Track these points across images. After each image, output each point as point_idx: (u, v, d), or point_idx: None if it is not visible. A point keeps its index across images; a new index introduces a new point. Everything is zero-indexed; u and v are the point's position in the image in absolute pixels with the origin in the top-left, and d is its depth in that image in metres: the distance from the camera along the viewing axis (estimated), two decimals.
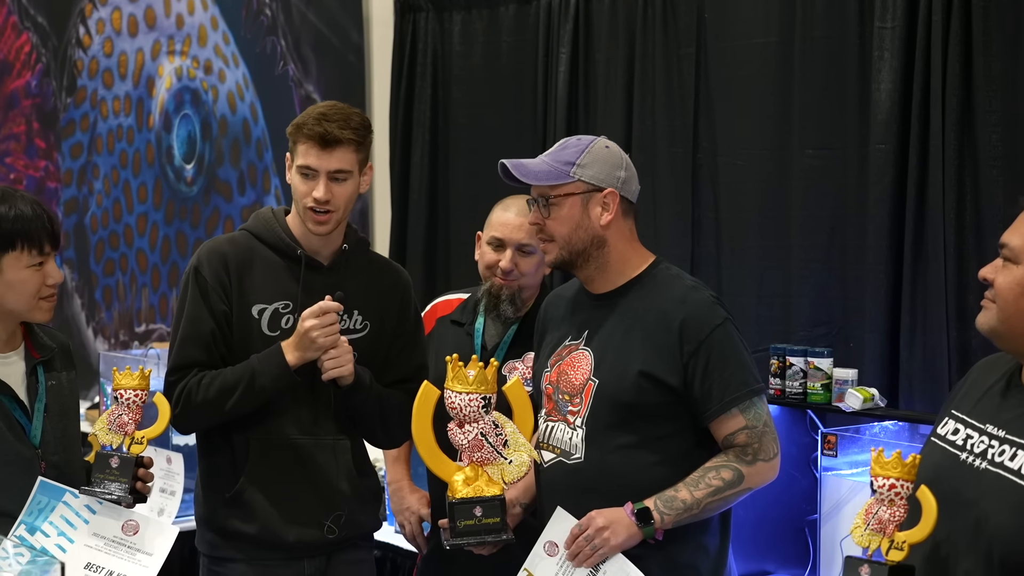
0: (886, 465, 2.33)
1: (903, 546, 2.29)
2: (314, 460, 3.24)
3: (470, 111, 5.32)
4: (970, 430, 2.38)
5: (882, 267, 4.01)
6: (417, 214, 5.40)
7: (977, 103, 3.79)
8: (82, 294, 7.13)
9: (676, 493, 2.87)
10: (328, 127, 3.11)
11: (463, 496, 2.91)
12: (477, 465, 2.93)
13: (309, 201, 3.14)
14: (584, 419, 2.96)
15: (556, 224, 2.98)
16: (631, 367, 2.91)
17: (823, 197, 4.18)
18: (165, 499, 3.86)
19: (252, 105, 6.20)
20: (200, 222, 6.49)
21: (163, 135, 6.68)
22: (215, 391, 3.14)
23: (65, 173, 7.29)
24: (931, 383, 3.87)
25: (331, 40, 5.84)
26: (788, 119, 4.26)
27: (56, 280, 2.96)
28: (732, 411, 2.89)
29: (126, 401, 2.95)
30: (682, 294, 2.96)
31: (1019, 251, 2.33)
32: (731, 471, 2.87)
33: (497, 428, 2.91)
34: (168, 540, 2.93)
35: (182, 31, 6.53)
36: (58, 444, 2.99)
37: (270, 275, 3.22)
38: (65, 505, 2.89)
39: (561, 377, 3.03)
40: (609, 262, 3.01)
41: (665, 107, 4.59)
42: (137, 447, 2.95)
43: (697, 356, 2.89)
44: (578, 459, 2.96)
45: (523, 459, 2.92)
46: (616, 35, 4.75)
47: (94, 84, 7.07)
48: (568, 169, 2.97)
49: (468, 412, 2.90)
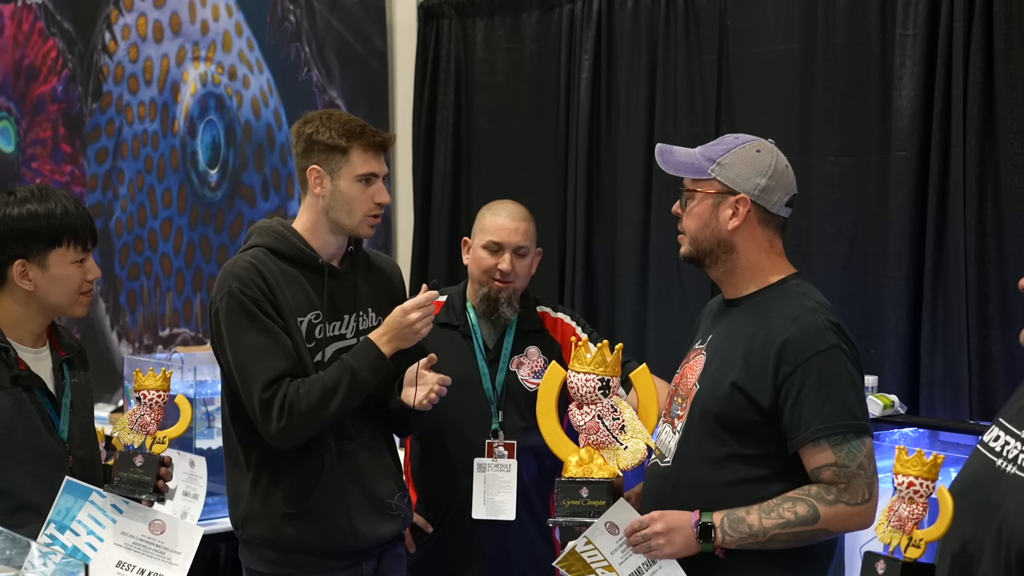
0: (907, 463, 2.35)
1: (920, 544, 2.31)
2: (363, 463, 3.30)
3: (493, 117, 5.33)
4: (1009, 436, 2.38)
5: (903, 274, 4.01)
6: (439, 220, 5.42)
7: (998, 110, 3.79)
8: (107, 298, 7.18)
9: (746, 516, 2.75)
10: (383, 135, 3.27)
11: (571, 476, 2.88)
12: (593, 448, 2.90)
13: (373, 207, 3.24)
14: (683, 424, 2.89)
15: (688, 218, 2.91)
16: (727, 378, 2.81)
17: (844, 204, 4.18)
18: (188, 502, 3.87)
19: (276, 111, 6.23)
20: (224, 227, 6.53)
21: (188, 140, 6.72)
22: (317, 395, 3.13)
23: (91, 178, 7.33)
24: (951, 390, 3.87)
25: (355, 46, 5.86)
26: (809, 126, 4.27)
27: (95, 276, 3.07)
28: (821, 443, 2.73)
29: (148, 402, 3.01)
30: (796, 313, 2.81)
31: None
32: (807, 507, 2.72)
33: (615, 412, 2.88)
34: (195, 539, 2.97)
35: (207, 37, 6.57)
36: (83, 439, 3.05)
37: (297, 288, 3.25)
38: (92, 504, 2.93)
39: (681, 380, 2.98)
40: (737, 268, 2.91)
41: (687, 114, 4.60)
42: (159, 447, 3.00)
43: (792, 379, 2.74)
44: (668, 463, 2.91)
45: (639, 446, 2.88)
46: (638, 42, 4.76)
47: (119, 89, 7.11)
48: (708, 165, 2.89)
49: (585, 393, 2.89)
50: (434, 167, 5.44)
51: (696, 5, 4.57)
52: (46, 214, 2.97)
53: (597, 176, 4.90)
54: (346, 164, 3.21)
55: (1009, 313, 3.75)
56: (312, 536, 3.24)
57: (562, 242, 5.00)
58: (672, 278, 4.63)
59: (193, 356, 5.06)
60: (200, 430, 4.78)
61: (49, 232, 2.97)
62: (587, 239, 4.90)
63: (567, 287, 4.96)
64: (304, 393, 3.12)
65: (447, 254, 5.40)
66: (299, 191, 3.33)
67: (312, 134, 3.24)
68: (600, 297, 4.92)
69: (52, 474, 2.94)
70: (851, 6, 4.15)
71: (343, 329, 3.27)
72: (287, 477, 3.25)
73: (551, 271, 4.99)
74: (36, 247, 2.97)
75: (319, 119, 3.26)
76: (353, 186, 3.21)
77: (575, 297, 4.90)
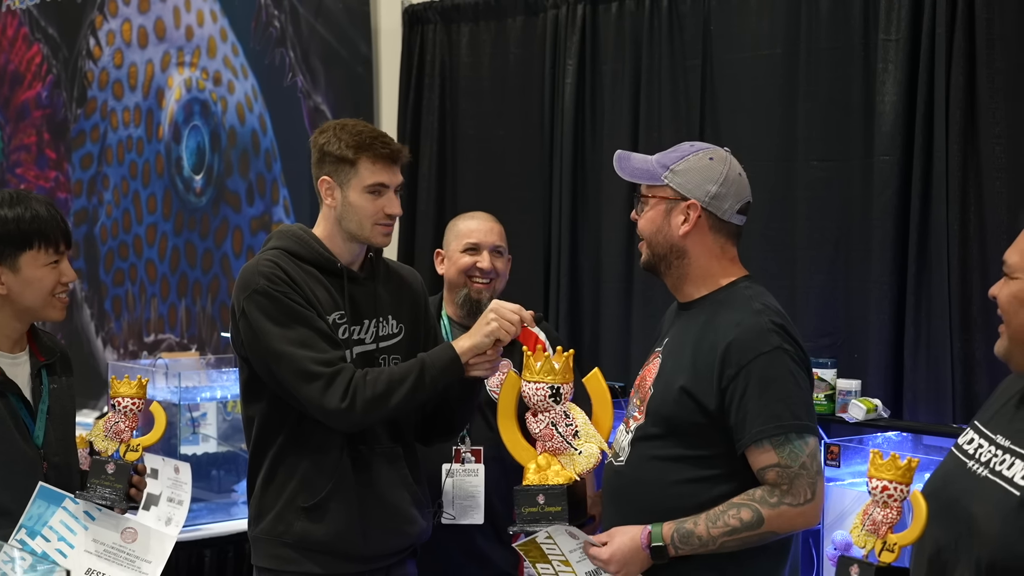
0: (880, 468, 2.36)
1: (895, 548, 2.33)
2: (378, 470, 3.26)
3: (478, 122, 5.34)
4: (982, 439, 2.40)
5: (886, 278, 4.02)
6: (425, 225, 5.42)
7: (980, 115, 3.81)
8: (91, 304, 7.17)
9: (694, 528, 2.79)
10: (393, 146, 3.24)
11: (528, 484, 2.94)
12: (549, 454, 2.95)
13: (382, 217, 3.22)
14: (637, 425, 2.95)
15: (643, 223, 2.97)
16: (676, 381, 2.87)
17: (828, 208, 4.19)
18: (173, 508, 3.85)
19: (261, 116, 6.23)
20: (209, 233, 6.52)
21: (172, 146, 6.71)
22: (384, 383, 3.10)
23: (75, 184, 7.33)
24: (935, 394, 3.88)
25: (340, 52, 5.87)
26: (793, 130, 4.28)
27: (70, 278, 3.07)
28: (764, 444, 2.76)
29: (123, 409, 3.03)
30: (740, 316, 2.85)
31: (1015, 267, 2.36)
32: (751, 512, 2.76)
33: (568, 418, 2.93)
34: (167, 548, 2.96)
35: (191, 42, 6.57)
36: (59, 445, 3.05)
37: (320, 288, 3.23)
38: (65, 511, 2.93)
39: (641, 382, 3.03)
40: (688, 274, 2.96)
41: (671, 118, 4.61)
42: (132, 454, 3.01)
43: (736, 381, 2.78)
44: (622, 462, 2.97)
45: (593, 450, 2.92)
46: (622, 47, 4.77)
47: (104, 95, 7.11)
48: (662, 172, 2.94)
49: (537, 401, 2.94)
50: (419, 172, 5.44)
51: (680, 10, 4.58)
52: (15, 219, 2.98)
53: (582, 181, 4.91)
54: (355, 176, 3.20)
55: (992, 317, 3.74)
56: (322, 534, 3.22)
57: (547, 247, 5.01)
58: (657, 283, 4.60)
59: (178, 362, 5.05)
60: (185, 436, 4.78)
61: (19, 236, 2.98)
62: (572, 244, 4.91)
63: (552, 292, 4.97)
64: (371, 380, 3.10)
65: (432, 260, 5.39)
66: (284, 196, 3.33)
67: (324, 145, 3.23)
68: (585, 302, 4.92)
69: (25, 480, 2.94)
70: (834, 11, 4.17)
71: (363, 334, 3.26)
72: (300, 474, 3.23)
73: (536, 276, 4.99)
74: (7, 251, 2.98)
75: (332, 129, 3.25)
76: (361, 197, 3.21)
77: (560, 302, 4.91)
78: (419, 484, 3.36)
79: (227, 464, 4.80)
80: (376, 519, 3.25)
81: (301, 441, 3.21)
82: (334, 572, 3.25)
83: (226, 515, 4.68)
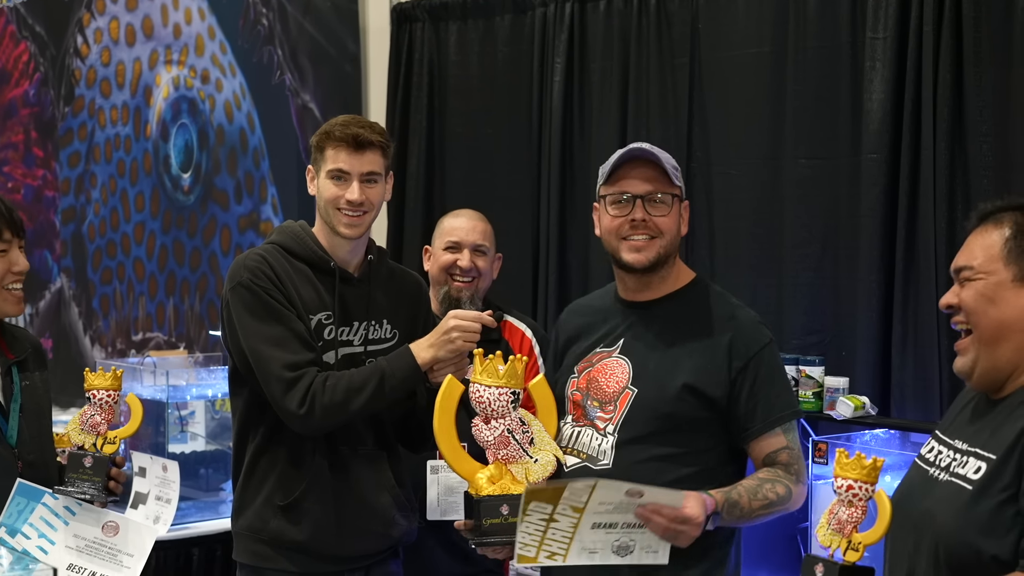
0: (846, 467, 2.37)
1: (859, 547, 2.34)
2: (359, 472, 3.25)
3: (466, 120, 5.34)
4: (942, 446, 2.45)
5: (874, 276, 4.03)
6: (413, 222, 5.42)
7: (968, 113, 3.82)
8: (80, 303, 7.15)
9: (739, 499, 2.81)
10: (358, 130, 3.17)
11: (488, 494, 2.79)
12: (501, 463, 2.81)
13: (342, 204, 3.17)
14: (617, 426, 2.94)
15: (668, 221, 2.97)
16: (675, 379, 2.90)
17: (815, 206, 4.20)
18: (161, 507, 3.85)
19: (249, 114, 6.22)
20: (197, 231, 6.51)
21: (160, 144, 6.70)
22: (342, 391, 3.09)
23: (63, 182, 7.31)
24: (922, 392, 3.89)
25: (328, 50, 5.86)
26: (780, 128, 4.29)
27: (21, 268, 3.00)
28: (776, 431, 2.89)
29: (99, 401, 3.01)
30: (730, 312, 2.98)
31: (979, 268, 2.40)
32: (784, 487, 2.85)
33: (524, 425, 2.81)
34: (148, 542, 2.95)
35: (179, 40, 6.56)
36: (34, 443, 3.02)
37: (308, 287, 3.22)
38: (44, 507, 2.91)
39: (591, 384, 3.02)
40: (670, 272, 3.02)
41: (659, 117, 4.62)
42: (110, 447, 2.99)
43: (745, 373, 2.90)
44: (605, 464, 2.93)
45: (549, 458, 2.82)
46: (611, 45, 4.77)
47: (92, 93, 7.09)
48: (677, 173, 3.00)
49: (497, 407, 2.78)
50: (407, 170, 5.44)
51: (668, 9, 4.59)
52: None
53: (570, 179, 4.91)
54: (322, 161, 3.21)
55: None
56: (293, 532, 3.22)
57: (535, 244, 5.01)
58: None
59: (166, 360, 5.05)
60: (173, 434, 4.78)
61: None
62: (560, 241, 4.91)
63: (540, 289, 4.97)
64: (330, 386, 3.09)
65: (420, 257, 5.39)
66: (273, 194, 3.33)
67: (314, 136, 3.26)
68: (573, 299, 4.91)
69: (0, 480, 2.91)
70: (822, 10, 4.18)
71: (351, 335, 3.25)
72: (278, 470, 3.23)
73: (524, 273, 4.99)
74: None
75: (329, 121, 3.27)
76: (325, 183, 3.20)
77: (548, 299, 4.91)
78: (403, 487, 3.35)
79: (215, 462, 4.80)
80: (354, 520, 3.25)
81: (280, 437, 3.21)
82: (310, 571, 3.25)
83: (214, 513, 4.67)
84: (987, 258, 2.40)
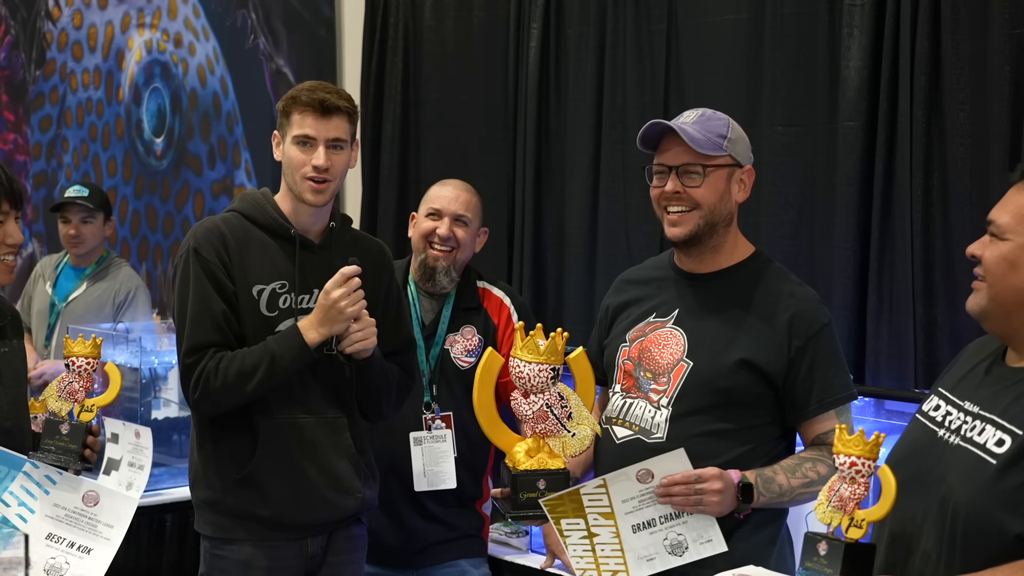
0: (848, 443, 2.34)
1: (862, 524, 2.30)
2: (318, 439, 3.25)
3: (441, 86, 5.31)
4: (950, 407, 2.40)
5: (849, 244, 4.02)
6: (388, 189, 5.40)
7: (945, 80, 3.80)
8: None
9: (775, 476, 2.87)
10: (324, 95, 3.17)
11: (527, 468, 2.83)
12: (539, 437, 2.86)
13: (308, 170, 3.17)
14: (672, 399, 2.94)
15: (705, 192, 2.96)
16: (731, 354, 2.92)
17: (792, 173, 4.19)
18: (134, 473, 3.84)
19: (222, 79, 6.18)
20: (170, 196, 6.47)
21: (133, 108, 6.66)
22: (234, 374, 3.13)
23: (34, 146, 7.26)
24: (897, 359, 3.90)
25: (302, 14, 5.82)
26: (757, 95, 4.27)
27: (16, 240, 2.97)
28: (830, 412, 2.92)
29: (77, 369, 3.00)
30: (791, 289, 2.99)
31: (1005, 228, 2.32)
32: (827, 467, 2.84)
33: (562, 400, 2.84)
34: (129, 511, 2.93)
35: (152, 4, 6.50)
36: (11, 410, 2.99)
37: (265, 255, 3.23)
38: (25, 475, 2.88)
39: (644, 354, 3.02)
40: (725, 242, 3.02)
41: (636, 83, 4.60)
42: (87, 415, 2.98)
43: (804, 352, 2.91)
44: (659, 438, 2.93)
45: (586, 432, 2.86)
46: (587, 11, 4.75)
47: (63, 57, 7.03)
48: (721, 142, 2.98)
49: (537, 383, 2.82)
50: (382, 135, 5.41)
51: None
52: None
53: (546, 145, 4.89)
54: (289, 127, 3.20)
55: (954, 283, 3.78)
56: (251, 504, 3.22)
57: (511, 211, 5.00)
58: (620, 248, 4.63)
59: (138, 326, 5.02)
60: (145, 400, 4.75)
61: None
62: (536, 208, 4.90)
63: (515, 256, 4.96)
64: (222, 369, 3.13)
65: (396, 224, 5.38)
66: (246, 160, 3.32)
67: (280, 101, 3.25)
68: (548, 267, 4.92)
69: None
70: None
71: (311, 303, 3.24)
72: (227, 443, 3.25)
73: (499, 241, 4.98)
74: None
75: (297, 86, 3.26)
76: (291, 149, 3.20)
77: (523, 267, 4.90)
78: (363, 454, 3.35)
79: (188, 429, 4.77)
80: (312, 489, 3.25)
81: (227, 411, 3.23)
82: (270, 540, 3.26)
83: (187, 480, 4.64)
84: (1015, 219, 2.31)
